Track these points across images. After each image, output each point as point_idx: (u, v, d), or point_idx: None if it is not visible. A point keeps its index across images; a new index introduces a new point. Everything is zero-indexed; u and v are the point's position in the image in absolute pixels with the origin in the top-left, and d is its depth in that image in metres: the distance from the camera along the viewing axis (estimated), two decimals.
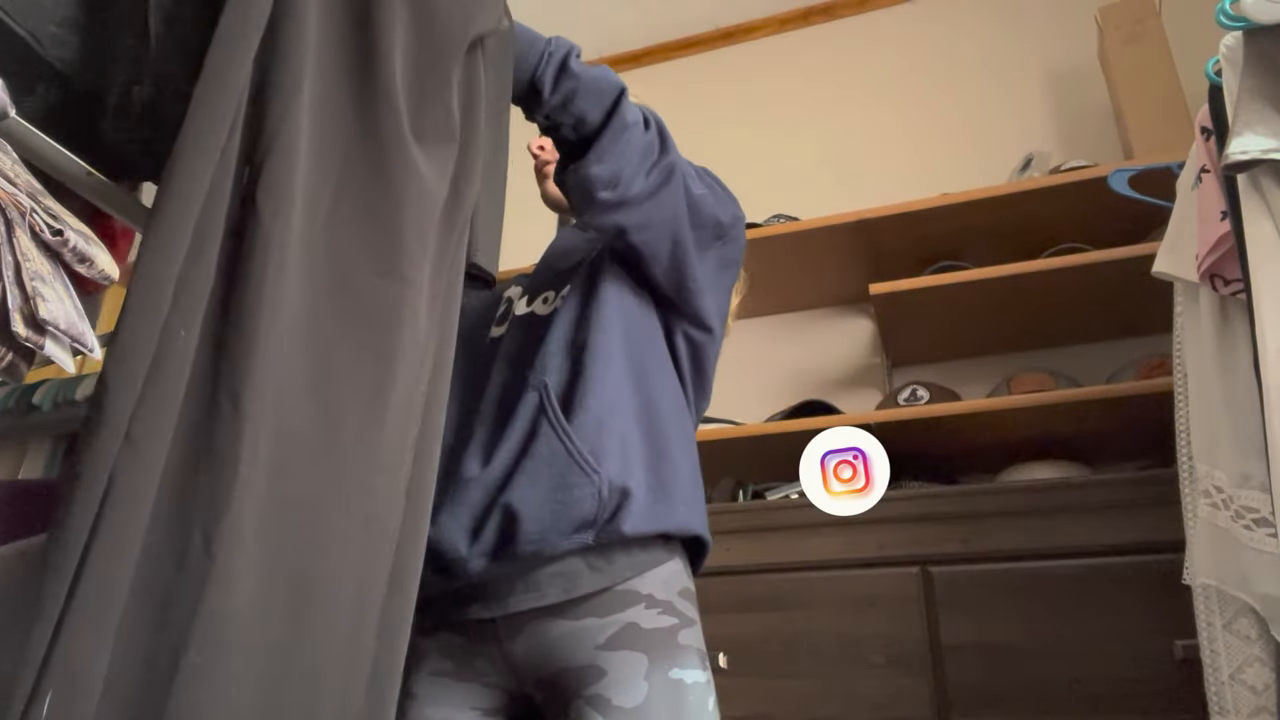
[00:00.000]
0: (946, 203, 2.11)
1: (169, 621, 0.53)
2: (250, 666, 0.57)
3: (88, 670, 0.48)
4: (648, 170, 1.04)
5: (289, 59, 0.66)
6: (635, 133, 1.03)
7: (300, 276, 0.65)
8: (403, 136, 0.75)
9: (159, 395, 0.54)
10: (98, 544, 0.50)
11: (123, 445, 0.52)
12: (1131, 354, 2.07)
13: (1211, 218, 1.18)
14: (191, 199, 0.57)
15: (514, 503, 0.94)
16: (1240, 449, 1.17)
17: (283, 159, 0.63)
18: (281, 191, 0.63)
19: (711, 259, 1.15)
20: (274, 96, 0.64)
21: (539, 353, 1.05)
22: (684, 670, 0.95)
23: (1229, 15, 1.05)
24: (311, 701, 0.62)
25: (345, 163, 0.72)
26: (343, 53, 0.73)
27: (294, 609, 0.61)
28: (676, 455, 1.04)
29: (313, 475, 0.64)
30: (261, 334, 0.59)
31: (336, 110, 0.72)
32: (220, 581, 0.54)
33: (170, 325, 0.55)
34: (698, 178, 1.13)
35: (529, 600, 0.96)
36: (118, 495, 0.51)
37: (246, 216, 0.61)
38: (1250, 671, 1.19)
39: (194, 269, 0.57)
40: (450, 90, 0.81)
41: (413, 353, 0.74)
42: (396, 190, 0.74)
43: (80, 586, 0.49)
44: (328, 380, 0.66)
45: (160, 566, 0.54)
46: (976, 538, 1.65)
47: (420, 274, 0.75)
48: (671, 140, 1.08)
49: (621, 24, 2.97)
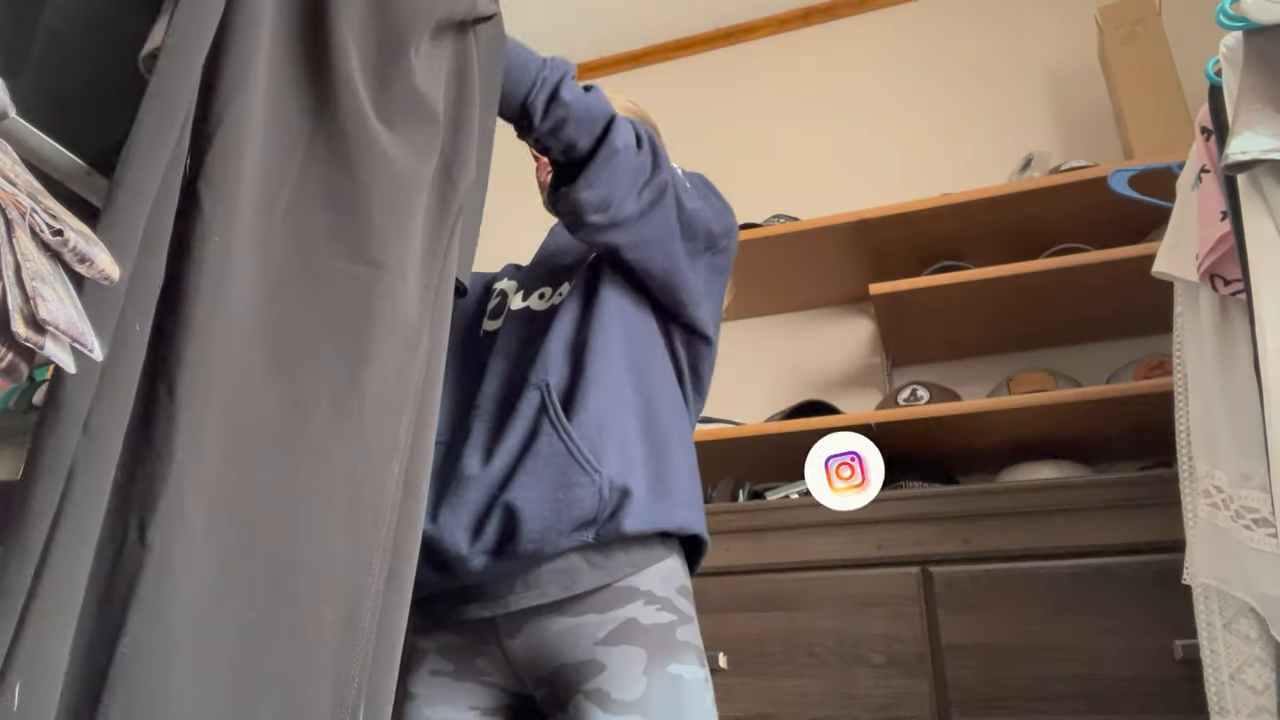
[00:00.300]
0: (946, 203, 2.11)
1: (108, 611, 0.53)
2: (206, 653, 0.56)
3: (52, 661, 0.49)
4: (639, 191, 1.04)
5: (236, 50, 0.66)
6: (625, 156, 1.02)
7: (254, 265, 0.65)
8: (365, 122, 0.74)
9: (114, 388, 0.54)
10: (60, 535, 0.50)
11: (81, 438, 0.52)
12: (1131, 354, 2.07)
13: (1211, 218, 1.18)
14: (143, 194, 0.57)
15: (515, 501, 0.94)
16: (1240, 449, 1.17)
17: (225, 148, 0.63)
18: (224, 179, 0.63)
19: (703, 267, 1.15)
20: (220, 86, 0.64)
21: (540, 351, 1.05)
22: (682, 666, 0.96)
23: (1229, 15, 1.05)
24: (298, 687, 0.62)
25: (309, 152, 0.71)
26: (296, 41, 0.73)
27: (268, 596, 0.61)
28: (676, 455, 1.05)
29: (281, 463, 0.64)
30: (200, 323, 0.59)
31: (294, 99, 0.71)
32: (156, 569, 0.54)
33: (125, 319, 0.56)
34: (692, 189, 1.13)
35: (529, 598, 0.96)
36: (77, 487, 0.51)
37: (188, 206, 0.61)
38: (1250, 671, 1.19)
39: (146, 262, 0.57)
40: (413, 72, 0.81)
41: (394, 337, 0.73)
42: (363, 177, 0.73)
43: (44, 578, 0.49)
44: (293, 367, 0.66)
45: (103, 557, 0.54)
46: (976, 538, 1.65)
47: (398, 259, 0.75)
48: (665, 157, 1.08)
49: (621, 24, 2.97)
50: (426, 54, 0.83)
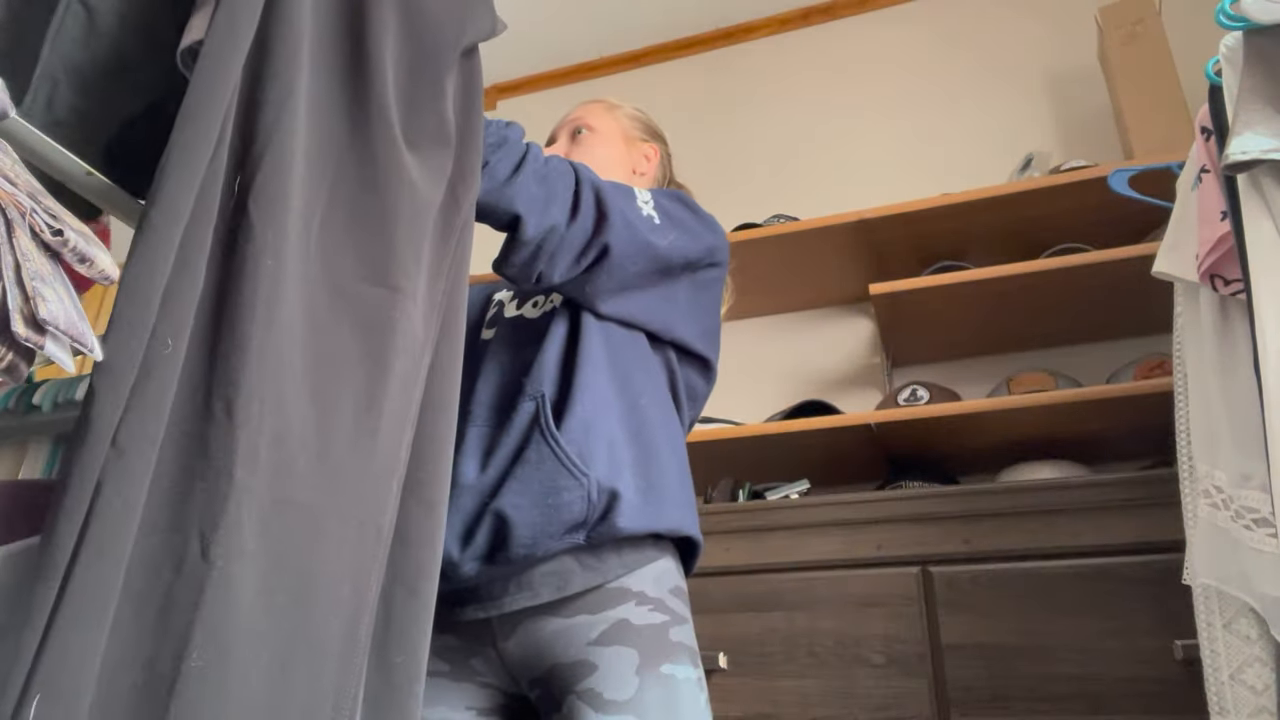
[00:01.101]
0: (946, 203, 2.11)
1: (169, 626, 0.54)
2: (252, 667, 0.58)
3: (77, 673, 0.49)
4: (576, 259, 1.04)
5: (281, 68, 0.66)
6: (553, 239, 1.01)
7: (295, 284, 0.66)
8: (395, 146, 0.75)
9: (146, 404, 0.55)
10: (86, 549, 0.51)
11: (109, 453, 0.53)
12: (1131, 354, 2.07)
13: (1211, 218, 1.18)
14: (179, 210, 0.58)
15: (504, 509, 0.95)
16: (1240, 449, 1.17)
17: (276, 168, 0.64)
18: (275, 200, 0.64)
19: (683, 288, 1.15)
20: (266, 106, 0.65)
21: (535, 362, 1.06)
22: (675, 666, 0.96)
23: (1229, 15, 1.05)
24: (310, 700, 0.63)
25: (339, 172, 0.72)
26: (335, 61, 0.74)
27: (293, 611, 0.62)
28: (664, 457, 1.05)
29: (310, 480, 0.65)
30: (255, 341, 0.60)
31: (330, 119, 0.73)
32: (219, 586, 0.56)
33: (158, 335, 0.56)
34: (662, 223, 1.11)
35: (523, 599, 0.97)
36: (105, 502, 0.52)
37: (239, 226, 0.62)
38: (1250, 671, 1.19)
39: (181, 280, 0.58)
40: (444, 98, 0.82)
41: (406, 359, 0.74)
42: (389, 201, 0.75)
43: (69, 591, 0.50)
44: (324, 386, 0.68)
45: (159, 572, 0.55)
46: (976, 538, 1.65)
47: (412, 283, 0.76)
48: (610, 207, 1.05)
49: (621, 24, 2.97)
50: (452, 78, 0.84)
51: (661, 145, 1.40)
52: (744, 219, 2.39)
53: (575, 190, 1.04)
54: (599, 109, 1.37)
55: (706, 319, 1.20)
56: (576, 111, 1.37)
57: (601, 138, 1.33)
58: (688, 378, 1.19)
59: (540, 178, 1.01)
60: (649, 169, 1.37)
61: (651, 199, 1.13)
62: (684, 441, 1.15)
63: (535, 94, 3.17)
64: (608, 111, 1.36)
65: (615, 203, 1.06)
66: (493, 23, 0.92)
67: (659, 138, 1.41)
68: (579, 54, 3.08)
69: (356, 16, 0.75)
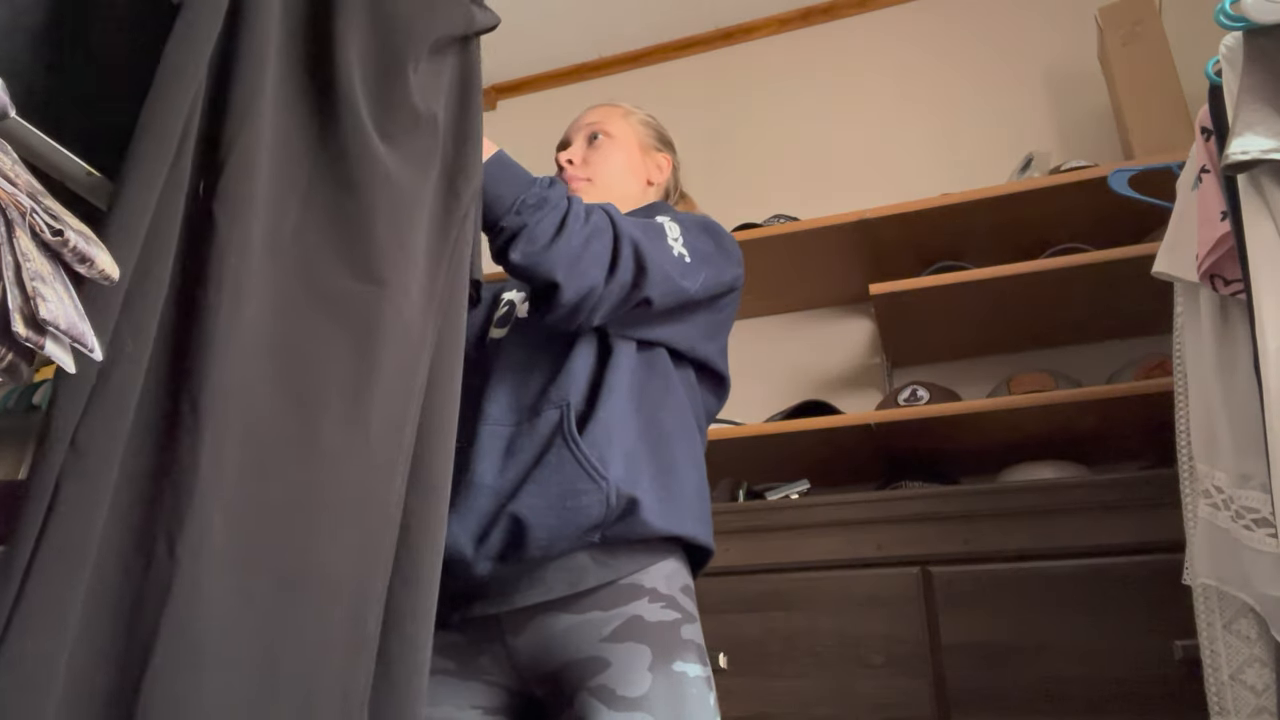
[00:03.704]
0: (946, 203, 2.11)
1: (137, 624, 0.55)
2: (231, 664, 0.58)
3: (40, 669, 0.50)
4: (614, 310, 1.04)
5: (245, 70, 0.67)
6: (591, 299, 1.01)
7: (266, 284, 0.66)
8: (368, 143, 0.76)
9: (107, 404, 0.55)
10: (44, 550, 0.51)
11: (68, 454, 0.53)
12: (1131, 354, 2.07)
13: (1211, 218, 1.18)
14: (140, 211, 0.58)
15: (521, 511, 0.95)
16: (1240, 449, 1.17)
17: (239, 170, 0.65)
18: (240, 201, 0.64)
19: (704, 312, 1.16)
20: (230, 108, 0.66)
21: (564, 370, 1.05)
22: (686, 664, 0.96)
23: (1229, 15, 1.05)
24: (312, 694, 0.63)
25: (313, 170, 0.73)
26: (300, 62, 0.74)
27: (279, 606, 0.62)
28: (683, 471, 1.06)
29: (294, 476, 0.65)
30: (219, 341, 0.61)
31: (298, 120, 0.73)
32: (186, 584, 0.56)
33: (118, 335, 0.56)
34: (693, 262, 1.10)
35: (534, 595, 0.97)
36: (64, 502, 0.52)
37: (204, 228, 0.63)
38: (1250, 672, 1.19)
39: (144, 281, 0.58)
40: (409, 91, 0.81)
41: (399, 350, 0.74)
42: (365, 196, 0.75)
43: (26, 591, 0.50)
44: (304, 383, 0.68)
45: (129, 572, 0.55)
46: (976, 538, 1.65)
47: (401, 275, 0.76)
48: (648, 260, 1.04)
49: (621, 24, 2.96)
50: (425, 70, 0.84)
51: (673, 155, 1.40)
52: (744, 219, 2.39)
53: (614, 248, 1.03)
54: (616, 114, 1.36)
55: (722, 337, 1.21)
56: (592, 115, 1.36)
57: (619, 144, 1.32)
58: (705, 393, 1.20)
59: (584, 239, 1.01)
60: (661, 179, 1.37)
61: (680, 235, 1.12)
62: (703, 456, 1.16)
63: (535, 94, 3.16)
64: (624, 118, 1.36)
65: (653, 255, 1.05)
66: (470, 16, 0.92)
67: (671, 147, 1.40)
68: (579, 54, 3.07)
69: (321, 15, 0.76)
